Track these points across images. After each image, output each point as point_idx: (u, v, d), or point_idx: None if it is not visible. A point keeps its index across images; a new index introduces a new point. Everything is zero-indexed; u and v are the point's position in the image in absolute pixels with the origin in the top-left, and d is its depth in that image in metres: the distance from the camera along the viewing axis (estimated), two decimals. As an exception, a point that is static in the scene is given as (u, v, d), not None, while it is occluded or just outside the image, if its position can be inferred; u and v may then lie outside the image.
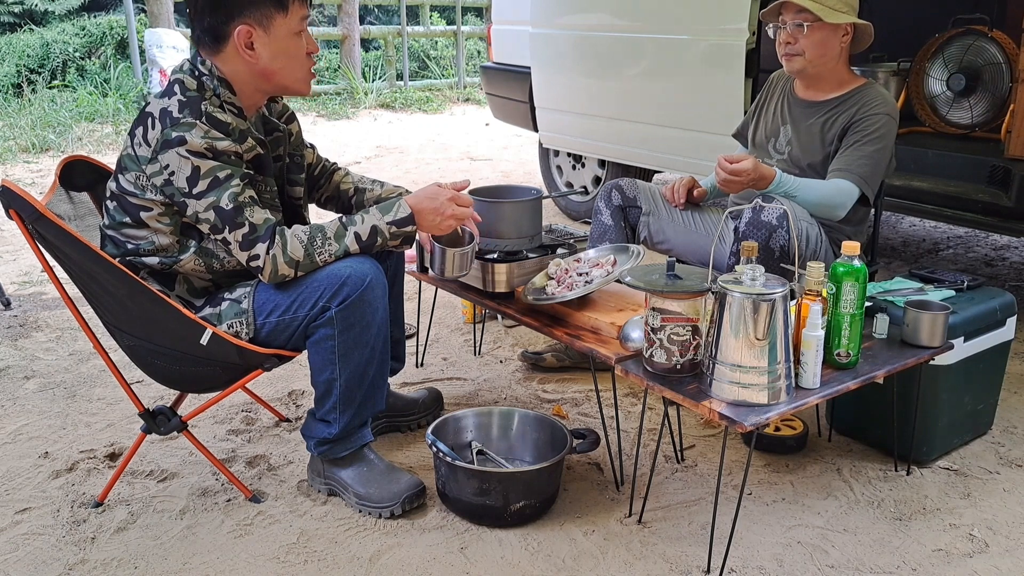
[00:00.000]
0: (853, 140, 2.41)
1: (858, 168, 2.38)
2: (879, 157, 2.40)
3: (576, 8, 4.26)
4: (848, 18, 2.39)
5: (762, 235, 2.28)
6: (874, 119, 2.41)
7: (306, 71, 1.97)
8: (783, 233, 2.27)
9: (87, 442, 2.38)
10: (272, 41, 1.88)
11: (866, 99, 2.45)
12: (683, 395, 1.76)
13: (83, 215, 2.10)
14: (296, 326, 1.91)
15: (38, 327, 3.24)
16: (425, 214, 1.95)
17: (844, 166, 2.39)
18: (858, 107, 2.44)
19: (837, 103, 2.49)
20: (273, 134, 2.05)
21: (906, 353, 2.00)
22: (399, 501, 2.00)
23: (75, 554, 1.89)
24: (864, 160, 2.38)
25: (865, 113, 2.42)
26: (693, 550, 1.89)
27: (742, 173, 2.27)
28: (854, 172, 2.38)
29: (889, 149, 2.44)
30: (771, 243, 2.27)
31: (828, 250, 2.47)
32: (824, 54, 2.44)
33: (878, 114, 2.41)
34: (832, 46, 2.44)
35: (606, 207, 2.70)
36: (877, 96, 2.46)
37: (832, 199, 2.37)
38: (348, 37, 9.87)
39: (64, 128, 7.05)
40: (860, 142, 2.40)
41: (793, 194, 2.34)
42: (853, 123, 2.42)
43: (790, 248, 2.28)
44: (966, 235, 4.61)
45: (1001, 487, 2.15)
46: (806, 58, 2.45)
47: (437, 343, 3.09)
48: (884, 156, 2.42)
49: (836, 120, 2.46)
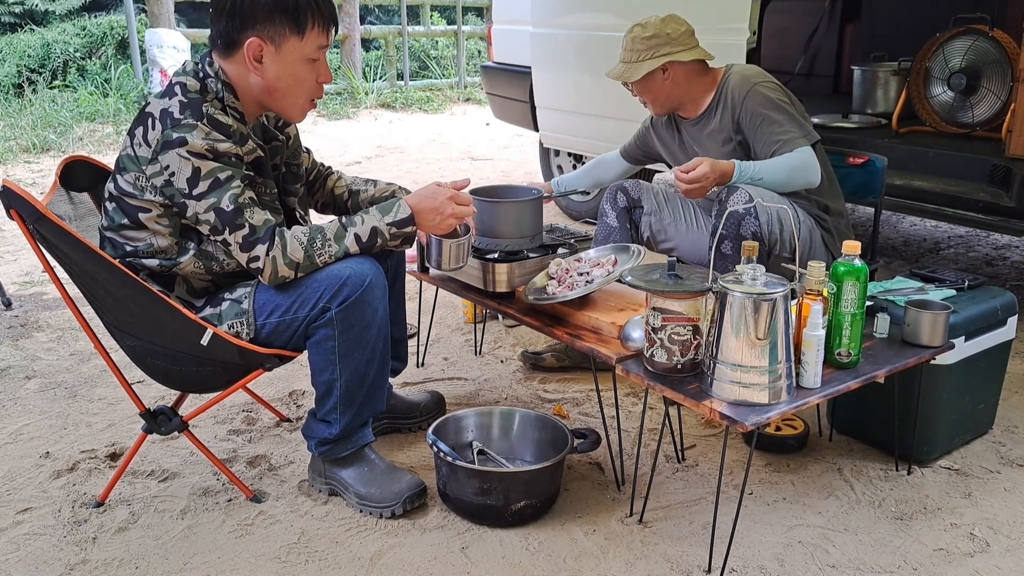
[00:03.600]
0: (762, 121, 2.42)
1: (787, 133, 2.38)
2: (793, 111, 2.42)
3: (577, 8, 4.26)
4: (649, 66, 2.45)
5: (732, 225, 2.31)
6: (759, 97, 2.42)
7: (307, 99, 1.95)
8: (752, 220, 2.31)
9: (88, 442, 2.38)
10: (281, 60, 1.87)
11: (737, 85, 2.47)
12: (684, 395, 1.76)
13: (83, 215, 2.10)
14: (296, 326, 1.91)
15: (39, 327, 3.25)
16: (425, 214, 1.95)
17: (777, 138, 2.39)
18: (739, 95, 2.45)
19: (716, 103, 2.52)
20: (271, 143, 2.05)
21: (907, 353, 2.00)
22: (400, 501, 2.00)
23: (76, 554, 1.89)
24: (785, 125, 2.39)
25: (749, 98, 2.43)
26: (694, 550, 1.89)
27: (702, 178, 2.29)
28: (790, 138, 2.38)
29: (793, 101, 2.46)
30: (741, 231, 2.31)
31: (812, 230, 2.48)
32: (662, 95, 2.54)
33: (758, 92, 2.43)
34: (660, 87, 2.52)
35: (611, 209, 2.71)
36: (736, 82, 2.48)
37: (795, 163, 2.36)
38: (348, 37, 9.87)
39: (65, 128, 7.05)
40: (768, 120, 2.40)
41: (759, 176, 2.34)
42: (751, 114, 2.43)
43: (762, 233, 2.32)
44: (967, 234, 4.61)
45: (1002, 486, 2.15)
46: (656, 103, 2.57)
47: (438, 343, 3.09)
48: (796, 109, 2.44)
49: (721, 120, 2.50)
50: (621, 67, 2.54)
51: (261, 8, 1.82)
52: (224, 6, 1.84)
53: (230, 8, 1.84)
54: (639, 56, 2.49)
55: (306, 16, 1.86)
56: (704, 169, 2.28)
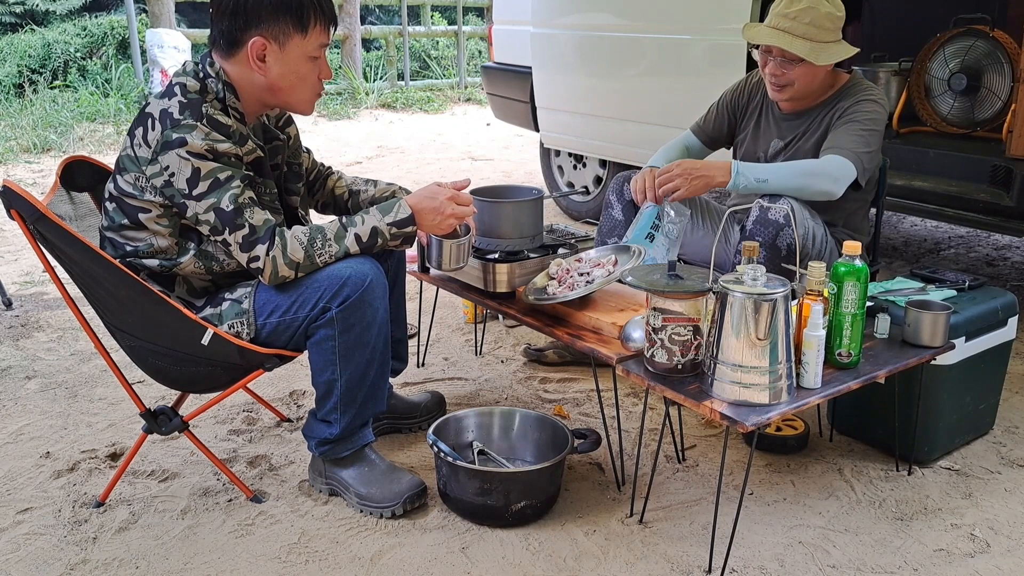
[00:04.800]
0: (844, 122, 2.34)
1: (850, 144, 2.28)
2: (871, 138, 2.32)
3: (577, 8, 4.26)
4: (839, 54, 2.30)
5: (769, 234, 2.25)
6: (865, 104, 2.36)
7: (313, 94, 1.97)
8: (790, 232, 2.23)
9: (88, 442, 2.38)
10: (285, 59, 1.88)
11: (855, 90, 2.41)
12: (684, 395, 1.76)
13: (84, 215, 2.10)
14: (297, 326, 1.91)
15: (39, 327, 3.25)
16: (425, 214, 1.95)
17: (835, 143, 2.30)
18: (848, 99, 2.39)
19: (825, 105, 2.44)
20: (272, 142, 2.05)
21: (907, 353, 2.00)
22: (400, 501, 2.00)
23: (76, 554, 1.89)
24: (855, 137, 2.30)
25: (856, 100, 2.37)
26: (694, 550, 1.89)
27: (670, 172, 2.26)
28: (846, 148, 2.28)
29: (880, 134, 2.36)
30: (778, 242, 2.24)
31: (834, 251, 2.43)
32: (812, 82, 2.39)
33: (869, 100, 2.37)
34: (820, 74, 2.38)
35: (617, 201, 2.59)
36: (865, 87, 2.42)
37: (819, 172, 2.24)
38: (349, 37, 9.87)
39: (65, 128, 7.06)
40: (850, 123, 2.33)
41: (763, 178, 2.25)
42: (844, 112, 2.37)
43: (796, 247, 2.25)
44: (967, 235, 4.61)
45: (1003, 487, 2.15)
46: (795, 88, 2.39)
47: (438, 343, 3.09)
48: (876, 138, 2.34)
49: (825, 119, 2.42)
50: (803, 43, 2.26)
51: (266, 7, 1.83)
52: (228, 6, 1.84)
53: (234, 7, 1.84)
54: (829, 36, 2.27)
55: (309, 14, 1.87)
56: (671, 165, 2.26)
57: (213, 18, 1.89)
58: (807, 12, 2.27)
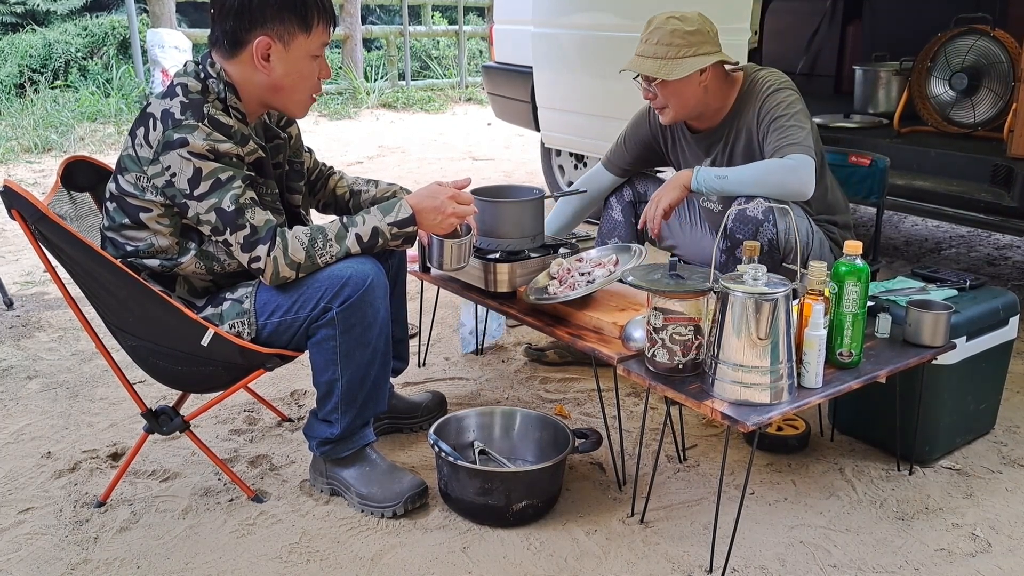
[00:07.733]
0: (768, 128, 2.31)
1: (789, 138, 2.26)
2: (801, 119, 2.29)
3: (578, 8, 4.26)
4: (693, 65, 2.25)
5: (749, 230, 2.26)
6: (772, 98, 2.32)
7: (309, 95, 1.98)
8: (770, 227, 2.25)
9: (89, 442, 2.38)
10: (288, 58, 1.89)
11: (753, 92, 2.37)
12: (685, 395, 1.76)
13: (85, 215, 2.10)
14: (298, 326, 1.91)
15: (40, 327, 3.25)
16: (426, 213, 1.95)
17: (776, 146, 2.27)
18: (754, 103, 2.35)
19: (733, 116, 2.41)
20: (273, 141, 2.06)
21: (908, 353, 2.00)
22: (401, 501, 2.00)
23: (78, 554, 1.89)
24: (788, 131, 2.27)
25: (761, 101, 2.33)
26: (695, 550, 1.89)
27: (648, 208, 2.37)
28: (790, 144, 2.24)
29: (804, 110, 2.33)
30: (759, 237, 2.25)
31: (822, 242, 2.43)
32: (687, 98, 2.34)
33: (772, 92, 2.33)
34: (693, 92, 2.32)
35: (617, 202, 2.65)
36: (760, 82, 2.37)
37: (776, 167, 2.22)
38: (350, 37, 9.87)
39: (66, 128, 7.06)
40: (774, 121, 2.30)
41: (723, 175, 2.26)
42: (761, 119, 2.33)
43: (779, 241, 2.27)
44: (968, 234, 4.60)
45: (1004, 486, 2.15)
46: (673, 108, 2.37)
47: (439, 343, 3.09)
48: (804, 117, 2.31)
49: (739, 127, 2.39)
50: (652, 62, 2.28)
51: (271, 7, 1.84)
52: (232, 6, 1.85)
53: (239, 8, 1.84)
54: (679, 52, 2.25)
55: (312, 13, 1.88)
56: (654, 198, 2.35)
57: (215, 18, 1.89)
58: (655, 33, 2.30)
